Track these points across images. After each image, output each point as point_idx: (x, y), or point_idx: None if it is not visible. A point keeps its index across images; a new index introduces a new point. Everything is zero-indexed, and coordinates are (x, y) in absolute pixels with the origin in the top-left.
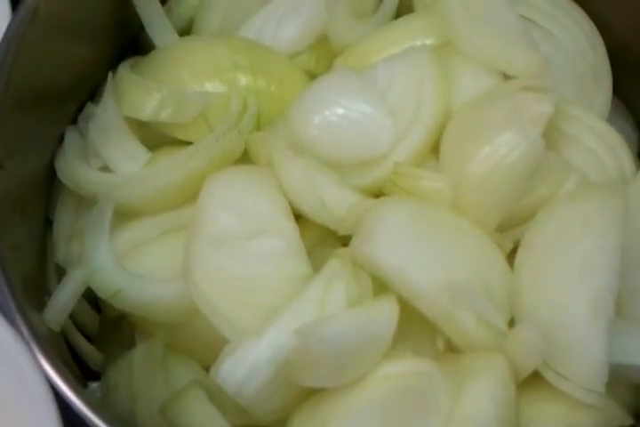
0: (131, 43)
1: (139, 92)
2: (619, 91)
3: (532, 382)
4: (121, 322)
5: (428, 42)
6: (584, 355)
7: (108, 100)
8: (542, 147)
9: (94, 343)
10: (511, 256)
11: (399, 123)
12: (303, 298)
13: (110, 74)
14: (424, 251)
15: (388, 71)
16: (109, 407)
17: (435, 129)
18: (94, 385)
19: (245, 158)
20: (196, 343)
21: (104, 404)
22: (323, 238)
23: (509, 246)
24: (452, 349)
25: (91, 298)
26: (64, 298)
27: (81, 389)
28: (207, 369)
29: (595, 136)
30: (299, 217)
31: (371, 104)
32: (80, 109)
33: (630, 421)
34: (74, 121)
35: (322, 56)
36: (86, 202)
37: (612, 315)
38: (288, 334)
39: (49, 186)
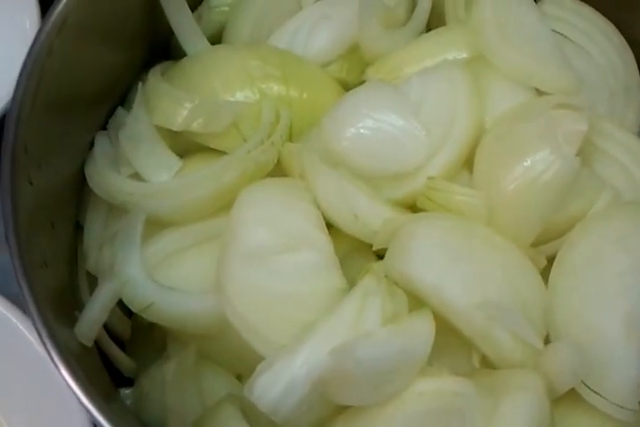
0: (160, 47)
1: (170, 102)
2: None
3: (565, 397)
4: (152, 329)
5: (460, 55)
6: (618, 373)
7: (139, 109)
8: (578, 165)
9: (126, 349)
10: (545, 271)
11: (432, 136)
12: (338, 315)
13: (140, 83)
14: (459, 268)
15: (421, 85)
16: (141, 415)
17: (468, 143)
18: (126, 392)
19: (277, 169)
20: (229, 354)
21: (135, 411)
22: (355, 249)
23: (543, 262)
24: (487, 365)
25: (123, 304)
26: (95, 312)
27: (104, 406)
28: (239, 378)
29: (626, 151)
30: (330, 227)
31: (404, 117)
32: (110, 114)
33: None
34: (104, 126)
35: (353, 65)
36: (117, 209)
37: None
38: (323, 352)
39: (78, 192)
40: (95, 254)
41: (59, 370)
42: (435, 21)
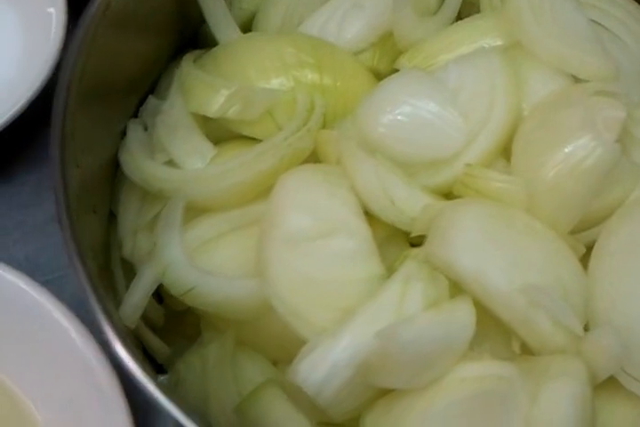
0: (188, 37)
1: (206, 89)
2: None
3: (604, 385)
4: (186, 315)
5: (495, 43)
6: None
7: (175, 96)
8: (618, 152)
9: (159, 336)
10: (583, 260)
11: (470, 123)
12: (381, 299)
13: (177, 70)
14: (500, 253)
15: (459, 71)
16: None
17: (506, 130)
18: (162, 378)
19: (313, 157)
20: (265, 340)
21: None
22: (390, 238)
23: (582, 250)
24: (526, 352)
25: (155, 291)
26: (138, 295)
27: (156, 380)
28: (275, 364)
29: None
30: (367, 215)
31: (441, 104)
32: (140, 103)
33: None
34: (135, 115)
35: (384, 54)
36: (150, 196)
37: None
38: (367, 335)
39: (112, 180)
40: (131, 242)
41: (113, 348)
42: (465, 10)
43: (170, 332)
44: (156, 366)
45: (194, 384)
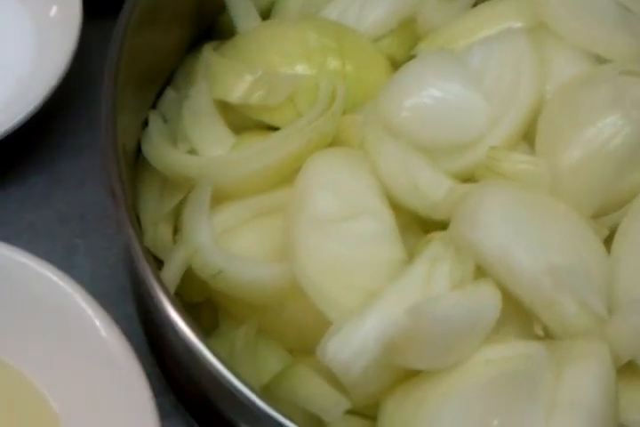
0: (204, 28)
1: (230, 75)
2: None
3: (625, 370)
4: (200, 308)
5: (520, 24)
6: None
7: (202, 82)
8: None
9: None
10: (606, 243)
11: (495, 105)
12: (407, 279)
13: (202, 57)
14: (525, 235)
15: (483, 53)
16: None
17: (530, 113)
18: None
19: (335, 143)
20: (285, 327)
21: None
22: (407, 226)
23: (605, 233)
24: (548, 336)
25: None
26: (168, 278)
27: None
28: (292, 353)
29: None
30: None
31: (466, 86)
32: (158, 95)
33: None
34: (152, 106)
35: (403, 40)
36: (170, 186)
37: None
38: (394, 314)
39: (131, 171)
40: (152, 231)
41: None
42: None
43: None
44: None
45: None
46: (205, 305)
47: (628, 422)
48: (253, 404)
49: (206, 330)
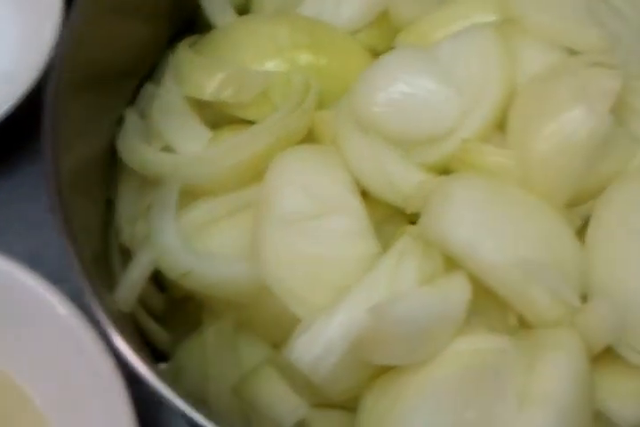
0: (186, 23)
1: (201, 72)
2: None
3: (603, 358)
4: (186, 303)
5: (489, 18)
6: None
7: (170, 80)
8: (610, 123)
9: (161, 324)
10: (580, 233)
11: (465, 99)
12: (374, 275)
13: (171, 55)
14: (495, 227)
15: (452, 47)
16: (180, 387)
17: (501, 105)
18: (163, 366)
19: (309, 138)
20: (265, 322)
21: (174, 383)
22: (389, 217)
23: (578, 223)
24: (523, 324)
25: (156, 279)
26: (134, 279)
27: (156, 367)
28: (274, 348)
29: None
30: (364, 196)
31: (435, 80)
32: (138, 90)
33: None
34: (131, 102)
35: (382, 33)
36: (148, 183)
37: None
38: (360, 311)
39: (109, 168)
40: (129, 228)
41: (108, 332)
42: None
43: (172, 321)
44: (158, 355)
45: (194, 370)
46: (192, 301)
47: (606, 409)
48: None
49: (193, 323)
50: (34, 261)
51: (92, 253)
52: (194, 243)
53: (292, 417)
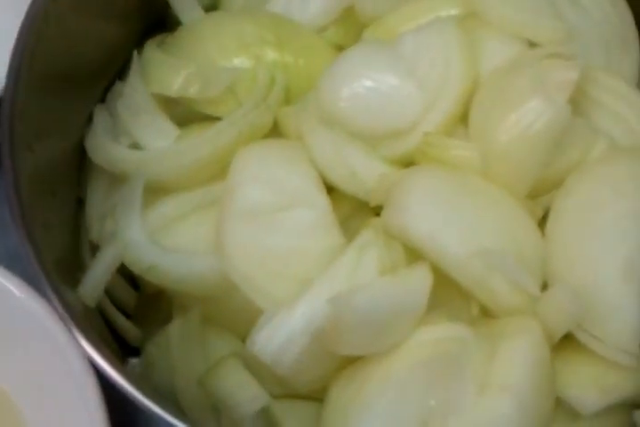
0: (157, 21)
1: (166, 70)
2: None
3: (565, 345)
4: (159, 299)
5: (453, 12)
6: (617, 316)
7: (134, 78)
8: (569, 113)
9: (132, 320)
10: (541, 223)
11: (427, 93)
12: (336, 268)
13: (135, 53)
14: (456, 218)
15: (414, 42)
16: (149, 382)
17: (463, 98)
18: (134, 361)
19: (275, 133)
20: (233, 316)
21: (144, 379)
22: (355, 210)
23: (540, 213)
24: (485, 314)
25: (128, 275)
26: (98, 274)
27: (118, 363)
28: (244, 341)
29: (622, 101)
30: (331, 190)
31: (398, 75)
32: (108, 88)
33: None
34: (102, 100)
35: (349, 29)
36: (117, 181)
37: None
38: (321, 303)
39: (79, 166)
40: (98, 225)
41: (69, 329)
42: None
43: (145, 316)
44: (130, 351)
45: (162, 364)
46: (163, 297)
47: (567, 396)
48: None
49: (164, 319)
50: (11, 261)
51: (57, 250)
52: (161, 239)
53: (252, 406)
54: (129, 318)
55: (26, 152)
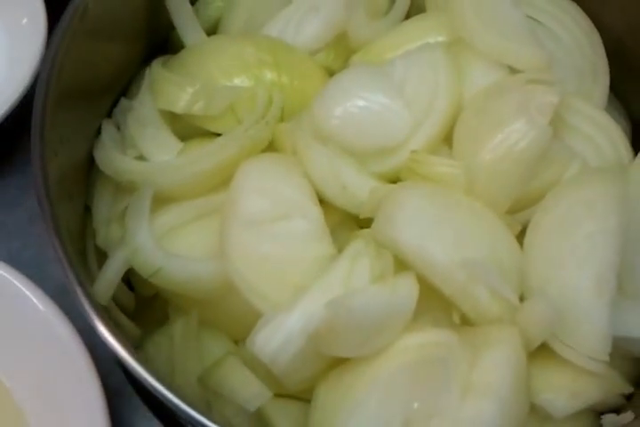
0: (159, 44)
1: (173, 87)
2: (611, 85)
3: (539, 353)
4: (154, 301)
5: (440, 39)
6: (589, 326)
7: (144, 94)
8: (550, 134)
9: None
10: (520, 237)
11: (415, 113)
12: (330, 275)
13: (147, 70)
14: (441, 231)
15: (404, 66)
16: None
17: (448, 119)
18: None
19: (271, 148)
20: (227, 319)
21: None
22: (342, 222)
23: (518, 228)
24: (466, 322)
25: (125, 280)
26: (110, 275)
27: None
28: (237, 343)
29: (594, 125)
30: (321, 202)
31: (388, 96)
32: (114, 104)
33: (630, 389)
34: (108, 114)
35: (339, 54)
36: (122, 189)
37: (614, 290)
38: (318, 306)
39: (87, 175)
40: (104, 231)
41: (91, 318)
42: (413, 13)
43: (139, 317)
44: None
45: (161, 361)
46: (158, 298)
47: (541, 401)
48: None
49: (160, 320)
50: (14, 264)
51: (73, 248)
52: (164, 244)
53: (255, 402)
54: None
55: (53, 155)
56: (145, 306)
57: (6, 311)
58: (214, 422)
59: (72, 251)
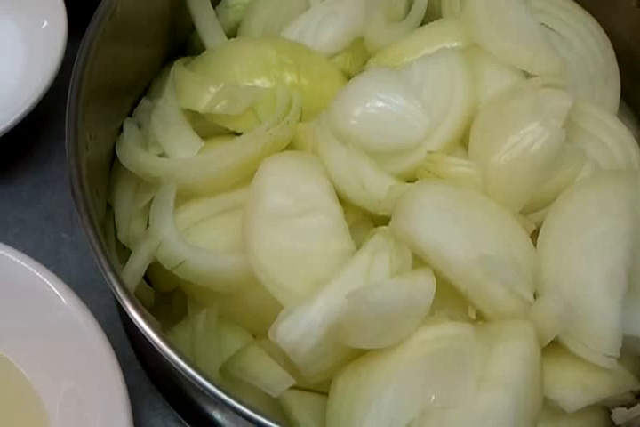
0: (179, 47)
1: (196, 87)
2: (622, 92)
3: (552, 350)
4: (172, 296)
5: (456, 44)
6: (601, 323)
7: (169, 94)
8: (563, 136)
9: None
10: (533, 239)
11: (432, 115)
12: (351, 268)
13: (172, 71)
14: (458, 228)
15: (421, 69)
16: None
17: (464, 121)
18: None
19: (291, 148)
20: (247, 313)
21: None
22: (360, 221)
23: (532, 228)
24: (480, 318)
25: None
26: (136, 266)
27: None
28: (255, 336)
29: (606, 130)
30: (340, 201)
31: (406, 98)
32: (135, 104)
33: (639, 385)
34: (129, 114)
35: (356, 57)
36: (143, 187)
37: (625, 289)
38: (339, 299)
39: (107, 173)
40: (126, 226)
41: (124, 303)
42: (428, 19)
43: (158, 312)
44: None
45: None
46: (177, 293)
47: (554, 395)
48: (209, 390)
49: (177, 315)
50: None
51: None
52: (186, 240)
53: (279, 387)
54: None
55: (84, 149)
56: (163, 302)
57: (32, 307)
58: (242, 403)
59: (104, 242)
